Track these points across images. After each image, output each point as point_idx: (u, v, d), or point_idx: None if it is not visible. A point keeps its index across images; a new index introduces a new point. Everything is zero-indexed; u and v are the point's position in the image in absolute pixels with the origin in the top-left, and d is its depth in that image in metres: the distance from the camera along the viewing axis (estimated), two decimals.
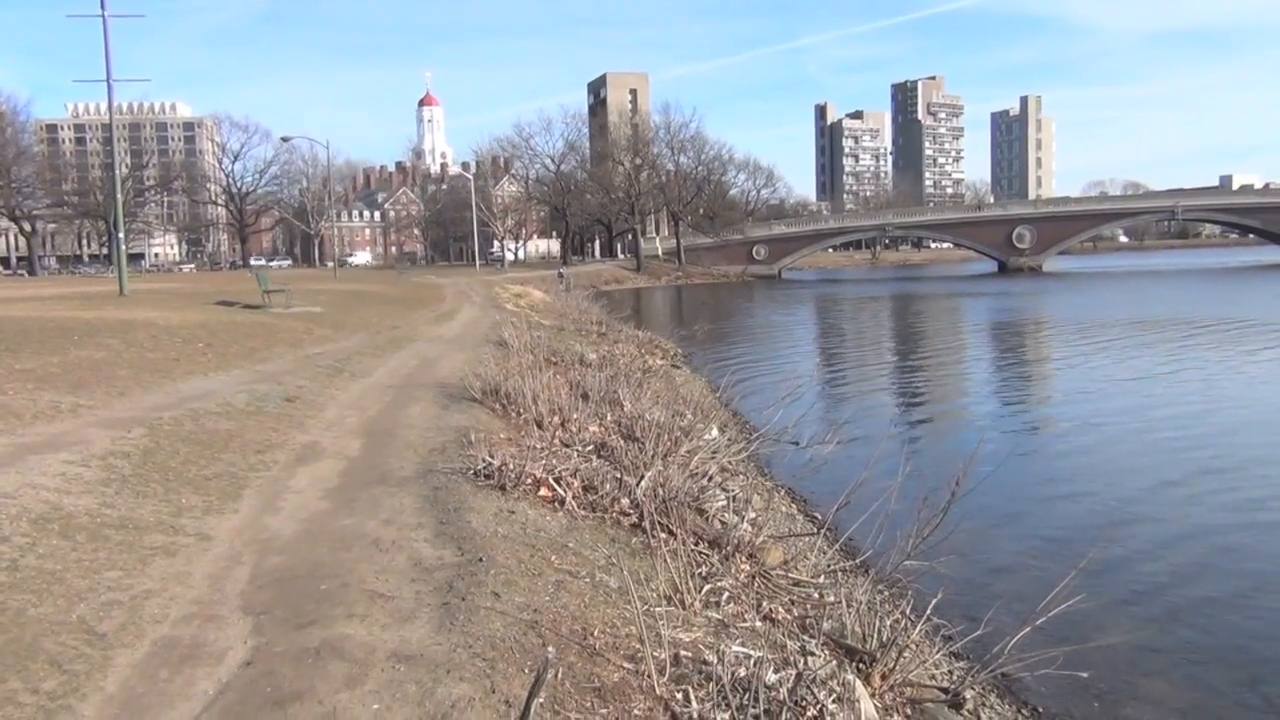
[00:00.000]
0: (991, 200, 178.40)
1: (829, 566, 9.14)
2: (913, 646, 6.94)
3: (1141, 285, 72.84)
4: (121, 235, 30.06)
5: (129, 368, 13.27)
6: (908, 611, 7.62)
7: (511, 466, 8.91)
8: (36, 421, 9.64)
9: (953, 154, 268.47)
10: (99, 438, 9.06)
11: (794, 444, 15.48)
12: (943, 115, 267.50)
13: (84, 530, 6.61)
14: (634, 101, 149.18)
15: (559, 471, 9.01)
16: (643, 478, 9.27)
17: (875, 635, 6.84)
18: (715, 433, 14.57)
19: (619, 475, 9.54)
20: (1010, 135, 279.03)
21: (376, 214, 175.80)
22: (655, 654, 5.37)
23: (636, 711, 4.87)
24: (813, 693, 5.43)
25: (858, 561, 9.54)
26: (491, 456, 9.11)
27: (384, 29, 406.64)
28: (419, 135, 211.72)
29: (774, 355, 34.03)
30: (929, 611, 7.35)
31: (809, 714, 5.23)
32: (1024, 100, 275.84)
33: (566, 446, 10.81)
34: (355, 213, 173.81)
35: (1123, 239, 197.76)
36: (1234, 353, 29.51)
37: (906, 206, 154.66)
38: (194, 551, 6.56)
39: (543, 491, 8.73)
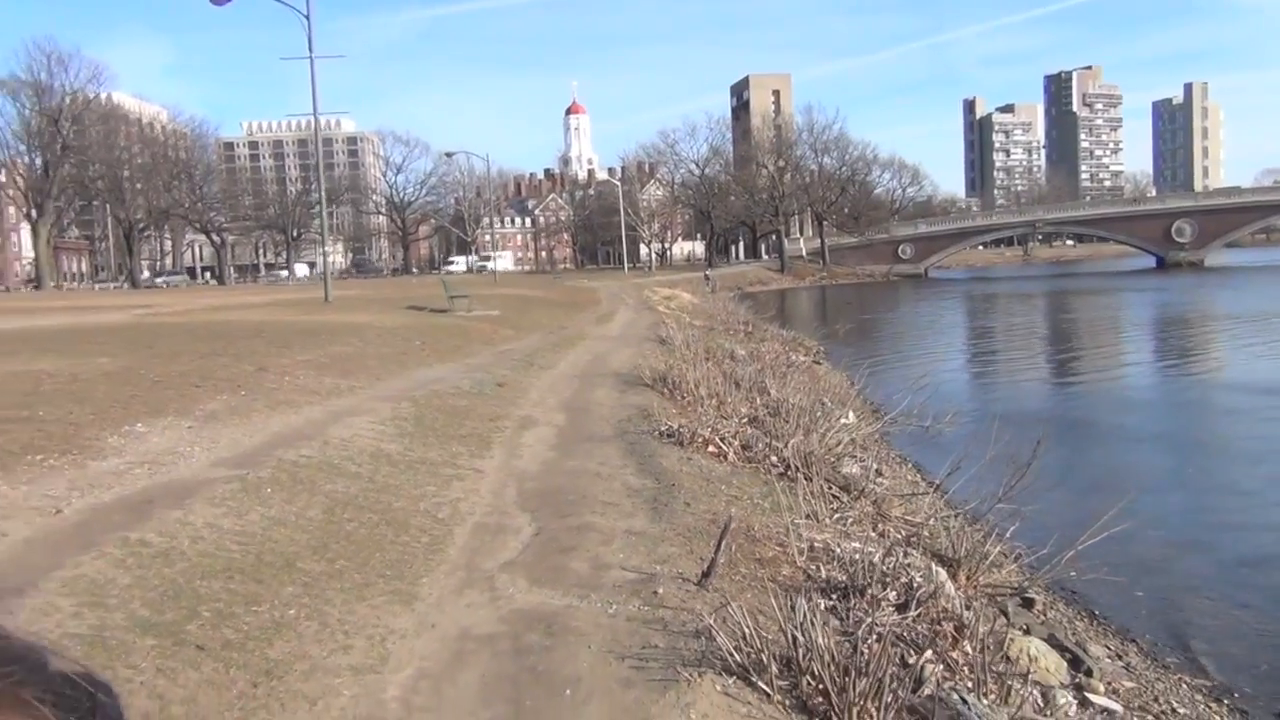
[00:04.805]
0: (1153, 193, 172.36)
1: (938, 513, 11.50)
2: (991, 557, 9.27)
3: None
4: (326, 249, 34.28)
5: (374, 359, 16.64)
6: (990, 535, 9.92)
7: (686, 429, 11.65)
8: (331, 397, 12.91)
9: (1110, 146, 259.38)
10: (381, 407, 12.22)
11: (923, 426, 17.74)
12: (1100, 106, 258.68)
13: (400, 463, 9.65)
14: (776, 103, 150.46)
15: (722, 433, 11.69)
16: (788, 442, 11.86)
17: (962, 547, 9.23)
18: (851, 417, 16.98)
19: (769, 440, 12.15)
20: (1174, 125, 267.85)
21: (527, 220, 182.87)
22: (797, 544, 7.97)
23: (785, 572, 7.48)
24: (906, 571, 7.93)
25: (961, 511, 11.83)
26: (670, 421, 11.87)
27: (532, 40, 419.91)
28: (566, 143, 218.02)
29: (914, 350, 35.86)
30: (1009, 534, 9.67)
31: (901, 580, 7.72)
32: (1188, 87, 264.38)
33: (725, 419, 13.46)
34: (506, 219, 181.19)
35: None
36: None
37: (1060, 201, 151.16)
38: (475, 479, 9.51)
39: (710, 448, 11.42)
